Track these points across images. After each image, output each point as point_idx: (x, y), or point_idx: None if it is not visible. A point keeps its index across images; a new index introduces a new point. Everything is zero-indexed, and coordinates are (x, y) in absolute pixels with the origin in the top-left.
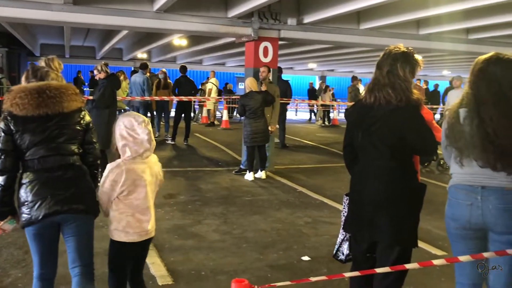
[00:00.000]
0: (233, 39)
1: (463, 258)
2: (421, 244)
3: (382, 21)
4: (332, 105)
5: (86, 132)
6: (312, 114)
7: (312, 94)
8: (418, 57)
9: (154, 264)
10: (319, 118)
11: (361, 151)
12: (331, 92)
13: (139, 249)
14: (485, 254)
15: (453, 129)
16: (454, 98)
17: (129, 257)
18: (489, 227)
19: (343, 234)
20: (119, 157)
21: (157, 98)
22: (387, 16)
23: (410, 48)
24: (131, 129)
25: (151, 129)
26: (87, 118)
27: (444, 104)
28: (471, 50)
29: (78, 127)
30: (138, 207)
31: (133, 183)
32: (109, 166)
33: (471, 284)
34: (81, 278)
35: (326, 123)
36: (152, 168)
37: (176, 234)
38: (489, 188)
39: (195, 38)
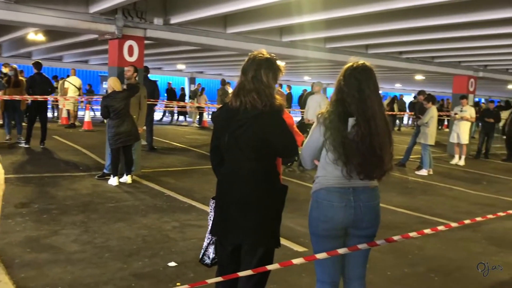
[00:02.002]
0: (96, 36)
1: (320, 255)
2: (284, 241)
3: (248, 27)
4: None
5: None
6: (167, 114)
7: (171, 94)
8: (280, 63)
9: (1, 283)
10: (195, 120)
11: (228, 154)
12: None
13: None
14: (340, 251)
15: (336, 134)
16: (314, 102)
17: None
18: (356, 224)
19: (209, 238)
20: None
21: (6, 97)
22: (252, 22)
23: (272, 54)
24: None
25: None
26: None
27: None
28: (328, 58)
29: None
30: None
31: None
32: None
33: (330, 282)
34: None
35: (197, 125)
36: None
37: (28, 247)
38: (358, 188)
39: (53, 33)
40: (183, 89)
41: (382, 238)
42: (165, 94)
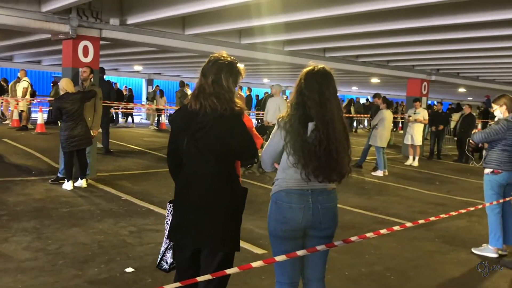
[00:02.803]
0: (49, 35)
1: (279, 258)
2: (243, 244)
3: (206, 28)
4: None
5: None
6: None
7: (120, 96)
8: (240, 66)
9: None
10: (153, 123)
11: (186, 157)
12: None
13: None
14: (298, 253)
15: (295, 138)
16: (273, 105)
17: None
18: (314, 225)
19: (166, 243)
20: None
21: None
22: (211, 24)
23: (233, 57)
24: None
25: None
26: None
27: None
28: (287, 61)
29: None
30: None
31: None
32: None
33: (290, 283)
34: None
35: (155, 127)
36: None
37: None
38: (317, 190)
39: (3, 32)
40: (130, 90)
41: (340, 239)
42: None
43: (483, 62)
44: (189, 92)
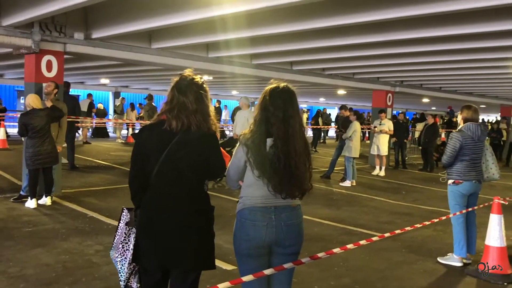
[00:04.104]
0: (10, 50)
1: (245, 278)
2: None
3: (173, 42)
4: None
5: None
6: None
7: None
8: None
9: None
10: (120, 136)
11: (159, 177)
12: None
13: None
14: (266, 272)
15: (256, 154)
16: (242, 118)
17: None
18: (278, 242)
19: (130, 269)
20: None
21: None
22: (178, 38)
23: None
24: None
25: None
26: None
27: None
28: (255, 74)
29: None
30: None
31: None
32: None
33: None
34: None
35: (123, 140)
36: None
37: None
38: (280, 207)
39: None
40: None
41: (309, 251)
42: None
43: (445, 74)
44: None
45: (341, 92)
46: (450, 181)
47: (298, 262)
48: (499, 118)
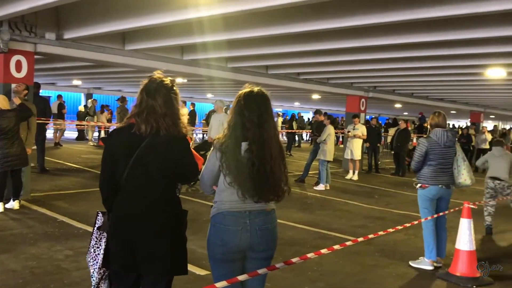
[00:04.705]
0: None
1: (219, 284)
2: None
3: (147, 44)
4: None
5: None
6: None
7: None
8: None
9: None
10: (92, 139)
11: (129, 182)
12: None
13: None
14: (240, 278)
15: (230, 159)
16: (217, 121)
17: None
18: (253, 247)
19: (100, 273)
20: None
21: None
22: (152, 40)
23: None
24: None
25: None
26: None
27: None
28: (231, 77)
29: None
30: None
31: None
32: None
33: None
34: None
35: (95, 143)
36: None
37: None
38: (254, 212)
39: None
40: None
41: (283, 255)
42: None
43: (417, 80)
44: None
45: (315, 96)
46: (417, 185)
47: (272, 267)
48: (469, 124)
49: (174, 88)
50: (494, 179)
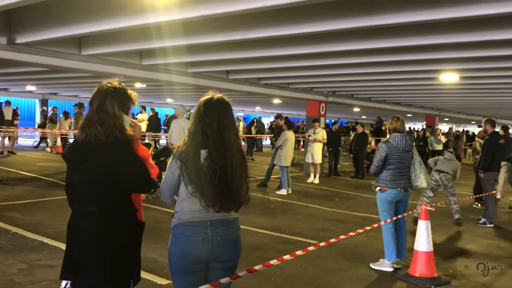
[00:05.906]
0: None
1: None
2: (146, 275)
3: (105, 49)
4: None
5: None
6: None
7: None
8: (131, 92)
9: None
10: (52, 145)
11: (76, 190)
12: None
13: None
14: (202, 287)
15: (191, 167)
16: (178, 127)
17: None
18: (215, 257)
19: (64, 282)
20: None
21: None
22: (110, 44)
23: (122, 84)
24: None
25: None
26: None
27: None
28: (191, 82)
29: None
30: None
31: None
32: None
33: None
34: None
35: (53, 151)
36: None
37: None
38: (216, 222)
39: None
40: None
41: (246, 261)
42: None
43: (375, 85)
44: None
45: (276, 101)
46: (377, 189)
47: (235, 276)
48: (424, 127)
49: (119, 92)
50: (440, 172)
